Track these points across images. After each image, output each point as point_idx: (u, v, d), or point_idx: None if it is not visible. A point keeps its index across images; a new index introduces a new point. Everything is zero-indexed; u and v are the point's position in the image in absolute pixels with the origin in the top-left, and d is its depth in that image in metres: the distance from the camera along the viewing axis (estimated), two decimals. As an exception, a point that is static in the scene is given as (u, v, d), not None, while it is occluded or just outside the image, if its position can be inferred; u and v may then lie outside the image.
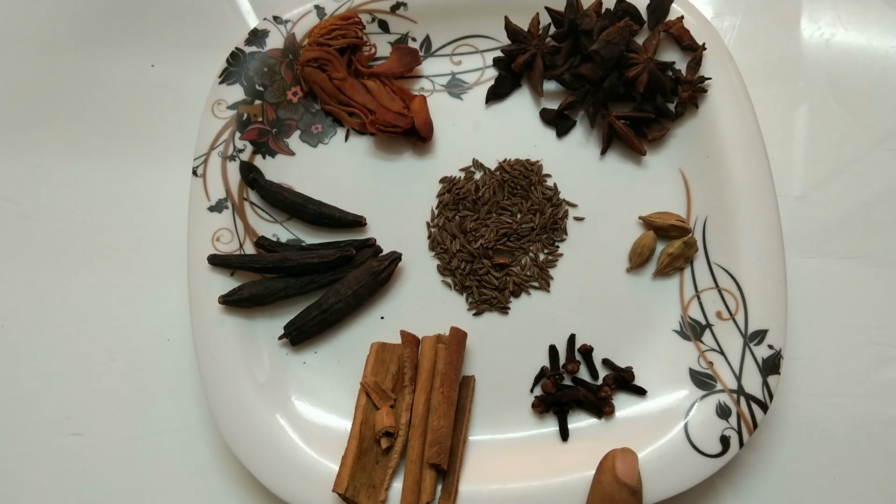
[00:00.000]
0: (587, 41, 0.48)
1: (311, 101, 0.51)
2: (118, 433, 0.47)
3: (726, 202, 0.46)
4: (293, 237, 0.49)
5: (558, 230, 0.48)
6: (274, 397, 0.45)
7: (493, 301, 0.47)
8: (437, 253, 0.48)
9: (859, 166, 0.53)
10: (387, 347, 0.45)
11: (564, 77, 0.50)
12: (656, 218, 0.47)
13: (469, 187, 0.49)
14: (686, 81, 0.48)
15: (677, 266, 0.47)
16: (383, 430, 0.42)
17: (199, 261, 0.46)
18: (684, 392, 0.44)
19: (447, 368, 0.44)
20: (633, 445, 0.42)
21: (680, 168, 0.49)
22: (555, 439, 0.44)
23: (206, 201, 0.47)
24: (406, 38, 0.52)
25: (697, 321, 0.46)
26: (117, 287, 0.51)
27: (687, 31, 0.49)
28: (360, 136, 0.51)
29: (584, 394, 0.44)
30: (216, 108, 0.48)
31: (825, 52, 0.56)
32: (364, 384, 0.44)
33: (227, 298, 0.45)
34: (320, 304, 0.46)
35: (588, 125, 0.50)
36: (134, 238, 0.52)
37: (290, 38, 0.50)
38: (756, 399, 0.43)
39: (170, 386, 0.48)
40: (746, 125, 0.47)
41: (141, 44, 0.57)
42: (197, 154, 0.48)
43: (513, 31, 0.50)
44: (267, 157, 0.49)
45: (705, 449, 0.42)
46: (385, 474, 0.42)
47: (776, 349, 0.43)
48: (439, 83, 0.52)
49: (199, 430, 0.47)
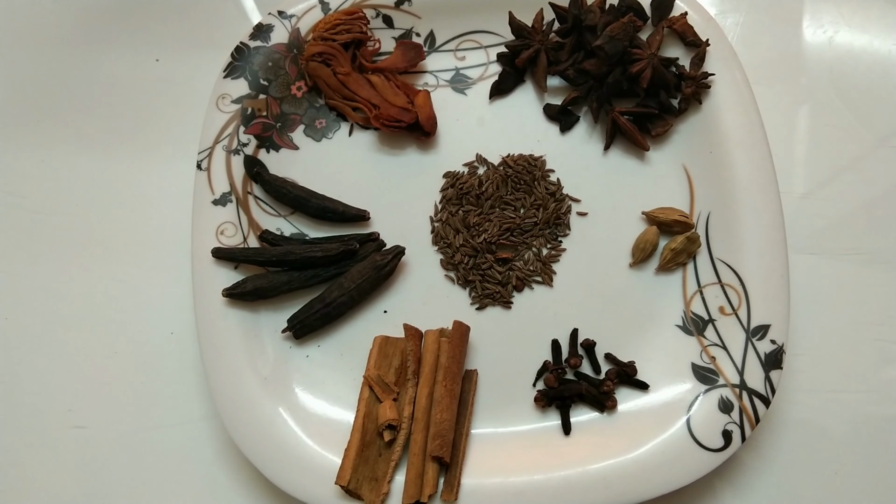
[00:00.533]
0: (591, 37, 0.48)
1: (316, 96, 0.51)
2: (121, 426, 0.47)
3: (729, 198, 0.46)
4: (297, 231, 0.49)
5: (561, 225, 0.48)
6: (277, 390, 0.45)
7: (496, 295, 0.47)
8: (440, 247, 0.48)
9: (862, 164, 0.53)
10: (390, 341, 0.45)
11: (568, 73, 0.50)
12: (659, 213, 0.47)
13: (472, 182, 0.49)
14: (689, 77, 0.48)
15: (680, 261, 0.47)
16: (386, 423, 0.42)
17: (203, 254, 0.46)
18: (687, 386, 0.44)
19: (450, 362, 0.44)
20: (636, 440, 0.43)
21: (683, 164, 0.49)
22: (557, 433, 0.44)
23: (210, 195, 0.47)
24: (410, 33, 0.52)
25: (700, 316, 0.46)
26: (122, 280, 0.51)
27: (690, 27, 0.49)
28: (364, 131, 0.51)
29: (587, 388, 0.44)
30: (221, 102, 0.49)
31: (828, 50, 0.56)
32: (367, 377, 0.44)
33: (230, 292, 0.45)
34: (324, 298, 0.46)
35: (591, 121, 0.50)
36: (138, 232, 0.52)
37: (295, 32, 0.50)
38: (758, 394, 0.43)
39: (173, 379, 0.48)
40: (749, 121, 0.47)
41: (146, 39, 0.57)
42: (201, 148, 0.48)
43: (517, 26, 0.50)
44: (271, 151, 0.50)
45: (707, 443, 0.42)
46: (388, 467, 0.42)
47: (779, 344, 0.43)
48: (443, 78, 0.52)
49: (202, 424, 0.47)
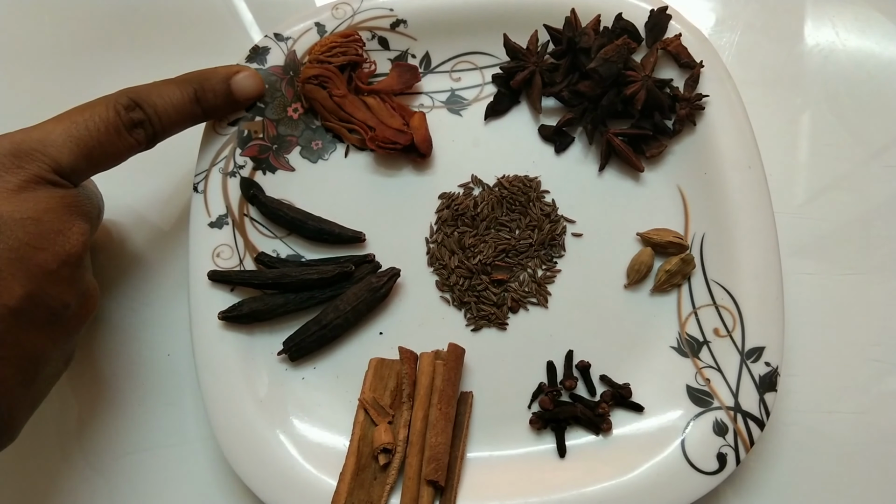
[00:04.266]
0: (585, 59, 0.48)
1: (312, 118, 0.51)
2: (118, 447, 0.48)
3: (724, 219, 0.46)
4: (293, 253, 0.49)
5: (556, 246, 0.49)
6: (273, 413, 0.45)
7: (491, 317, 0.47)
8: (435, 269, 0.49)
9: (857, 182, 0.53)
10: (385, 363, 0.45)
11: (563, 94, 0.50)
12: (654, 235, 0.47)
13: (468, 203, 0.49)
14: (684, 99, 0.48)
15: (675, 283, 0.47)
16: (381, 446, 0.42)
17: (200, 277, 0.46)
18: (681, 409, 0.44)
19: (445, 385, 0.44)
20: (631, 462, 0.43)
21: (678, 185, 0.49)
22: (552, 456, 0.44)
23: (206, 217, 0.47)
24: (406, 54, 0.52)
25: (695, 338, 0.46)
26: (118, 302, 0.51)
27: (685, 48, 0.49)
28: (360, 153, 0.51)
29: (582, 410, 0.44)
30: (217, 124, 0.49)
31: (823, 68, 0.56)
32: (362, 400, 0.44)
33: (226, 314, 0.45)
34: (319, 320, 0.46)
35: (586, 142, 0.51)
36: (134, 254, 0.52)
37: (291, 55, 0.50)
38: (753, 416, 0.43)
39: (169, 401, 0.48)
40: (744, 142, 0.47)
41: (142, 59, 0.58)
42: (198, 170, 0.48)
43: (512, 48, 0.51)
44: (267, 172, 0.50)
45: (702, 466, 0.42)
46: (383, 491, 0.42)
47: (773, 366, 0.43)
48: (439, 100, 0.52)
49: (198, 445, 0.47)
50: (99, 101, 0.41)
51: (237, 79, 0.47)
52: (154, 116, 0.42)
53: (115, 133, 0.40)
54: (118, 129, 0.40)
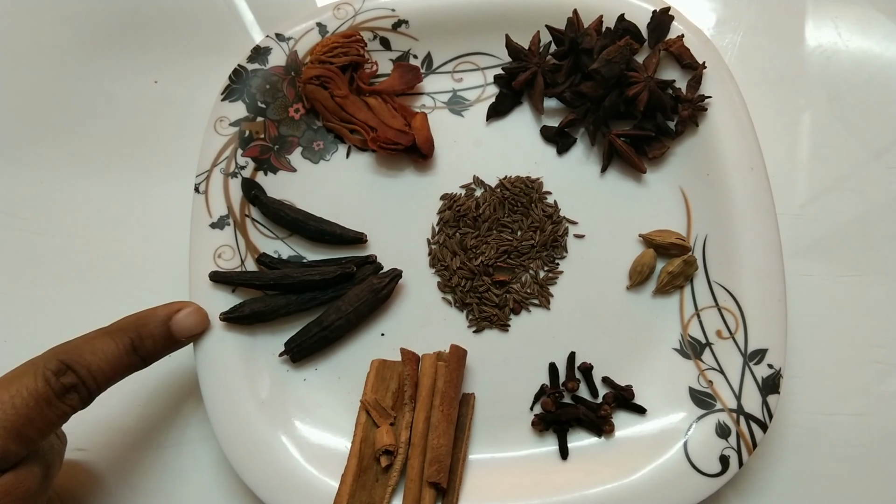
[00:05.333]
0: (588, 60, 0.48)
1: (313, 118, 0.51)
2: (120, 449, 0.47)
3: (726, 220, 0.46)
4: (294, 254, 0.49)
5: (558, 247, 0.49)
6: (275, 414, 0.45)
7: (493, 318, 0.47)
8: (437, 270, 0.48)
9: (859, 182, 0.53)
10: (387, 365, 0.45)
11: (565, 95, 0.50)
12: (656, 236, 0.47)
13: (470, 204, 0.49)
14: (686, 100, 0.48)
15: (677, 284, 0.47)
16: (383, 448, 0.42)
17: (201, 278, 0.46)
18: (684, 411, 0.44)
19: (447, 386, 0.44)
20: (633, 464, 0.43)
21: (680, 186, 0.49)
22: (554, 458, 0.44)
23: (207, 218, 0.47)
24: (407, 55, 0.52)
25: (697, 339, 0.46)
26: (120, 302, 0.51)
27: (687, 49, 0.49)
28: (362, 153, 0.51)
29: (584, 412, 0.44)
30: (218, 124, 0.49)
31: (825, 69, 0.56)
32: (364, 402, 0.44)
33: (228, 315, 0.45)
34: (321, 321, 0.46)
35: (588, 143, 0.50)
36: (136, 254, 0.52)
37: (293, 55, 0.50)
38: (756, 419, 0.43)
39: (171, 402, 0.48)
40: (746, 144, 0.47)
41: (144, 60, 0.58)
42: (199, 171, 0.48)
43: (514, 49, 0.50)
44: (269, 173, 0.50)
45: (704, 468, 0.42)
46: (385, 493, 0.42)
47: (776, 368, 0.43)
48: (440, 100, 0.52)
49: (199, 446, 0.47)
50: (26, 368, 0.37)
51: (178, 318, 0.43)
52: (88, 377, 0.38)
53: (46, 404, 0.36)
54: (48, 400, 0.36)
